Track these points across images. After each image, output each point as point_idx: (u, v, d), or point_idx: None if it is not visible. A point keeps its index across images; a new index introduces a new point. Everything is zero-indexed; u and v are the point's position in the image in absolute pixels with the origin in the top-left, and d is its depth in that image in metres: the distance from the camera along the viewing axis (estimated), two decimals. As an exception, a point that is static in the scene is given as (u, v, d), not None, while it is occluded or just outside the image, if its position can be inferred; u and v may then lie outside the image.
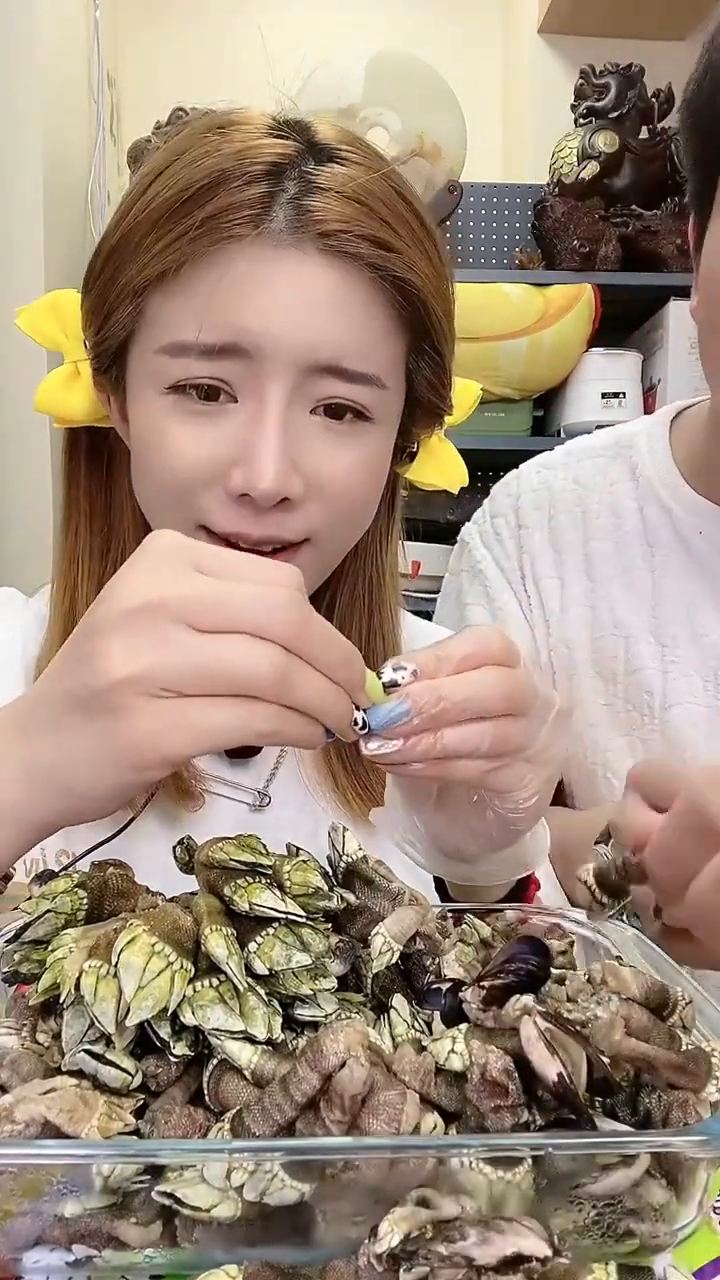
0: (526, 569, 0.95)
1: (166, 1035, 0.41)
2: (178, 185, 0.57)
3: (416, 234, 0.61)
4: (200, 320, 0.57)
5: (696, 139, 0.78)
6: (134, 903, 0.49)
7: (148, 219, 0.58)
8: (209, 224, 0.56)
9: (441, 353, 0.66)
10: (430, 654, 0.47)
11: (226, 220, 0.56)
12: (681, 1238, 0.40)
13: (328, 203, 0.57)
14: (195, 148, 0.58)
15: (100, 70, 2.49)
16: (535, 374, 2.25)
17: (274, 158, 0.57)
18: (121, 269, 0.60)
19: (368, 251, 0.58)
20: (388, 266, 0.59)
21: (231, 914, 0.45)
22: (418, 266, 0.61)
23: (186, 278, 0.58)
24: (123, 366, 0.64)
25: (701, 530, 0.87)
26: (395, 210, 0.60)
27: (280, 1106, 0.37)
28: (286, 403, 0.58)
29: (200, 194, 0.56)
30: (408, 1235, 0.35)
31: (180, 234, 0.57)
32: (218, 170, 0.56)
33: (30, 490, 2.01)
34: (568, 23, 2.58)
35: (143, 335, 0.61)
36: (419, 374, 0.66)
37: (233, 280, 0.57)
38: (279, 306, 0.57)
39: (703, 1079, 0.41)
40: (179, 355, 0.58)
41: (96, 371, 0.66)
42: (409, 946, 0.49)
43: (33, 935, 0.47)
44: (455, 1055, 0.41)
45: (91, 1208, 0.38)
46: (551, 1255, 0.35)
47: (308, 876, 0.47)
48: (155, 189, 0.58)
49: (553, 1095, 0.38)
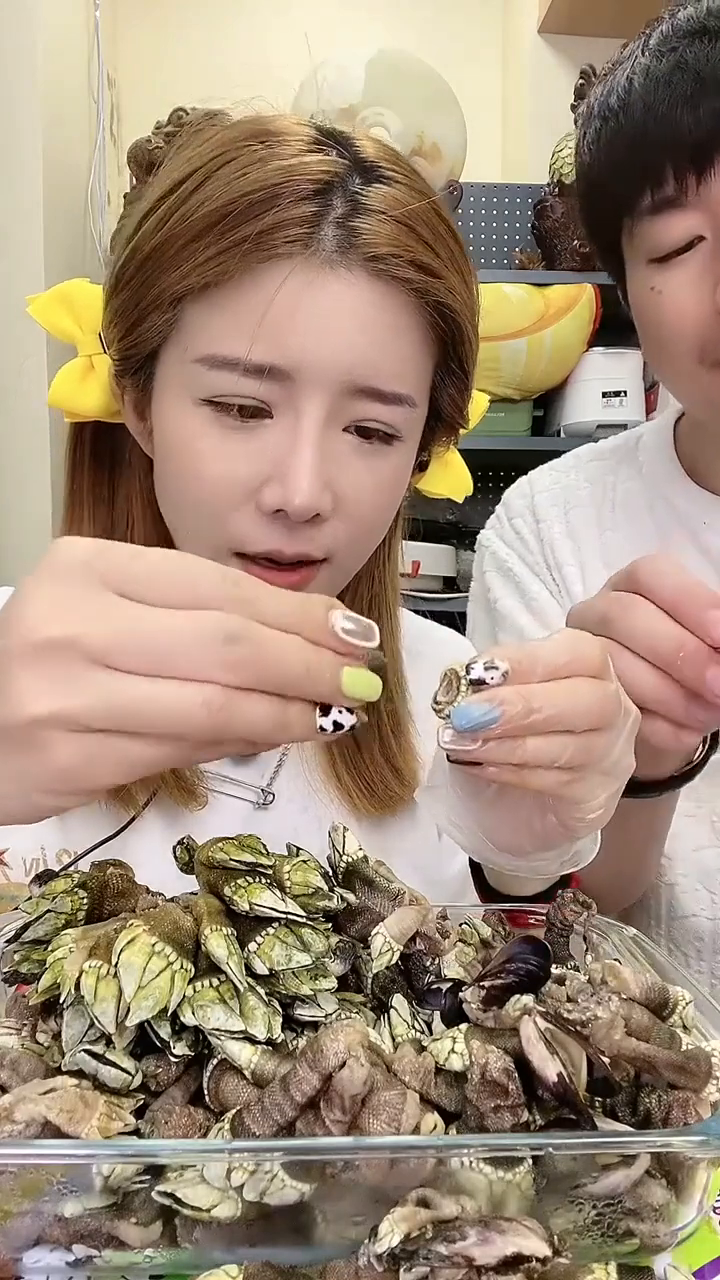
0: (549, 558, 0.96)
1: (166, 1035, 0.41)
2: (224, 197, 0.56)
3: (455, 257, 0.62)
4: (249, 338, 0.57)
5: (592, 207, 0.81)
6: (134, 903, 0.49)
7: (190, 228, 0.57)
8: (260, 239, 0.56)
9: (467, 371, 0.67)
10: (524, 654, 0.44)
11: (278, 236, 0.56)
12: (681, 1238, 0.40)
13: (376, 225, 0.57)
14: (239, 157, 0.57)
15: (100, 70, 2.49)
16: (535, 374, 2.25)
17: (322, 175, 0.57)
18: (159, 275, 0.59)
19: (413, 276, 0.59)
20: (430, 291, 0.60)
21: (231, 914, 0.45)
22: (456, 290, 0.62)
23: (231, 290, 0.58)
24: (151, 370, 0.64)
25: (706, 521, 0.88)
26: (438, 234, 0.60)
27: (280, 1106, 0.37)
28: (324, 421, 0.59)
29: (250, 208, 0.56)
30: (408, 1235, 0.35)
31: (227, 247, 0.56)
32: (268, 185, 0.56)
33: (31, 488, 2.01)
34: (568, 23, 2.58)
35: (178, 342, 0.61)
36: (444, 391, 0.67)
37: (282, 300, 0.57)
38: (326, 329, 0.57)
39: (703, 1079, 0.41)
40: (220, 368, 0.58)
41: (121, 373, 0.65)
42: (409, 947, 0.49)
43: (33, 935, 0.47)
44: (455, 1055, 0.41)
45: (91, 1208, 0.38)
46: (551, 1255, 0.35)
47: (308, 876, 0.47)
48: (199, 197, 0.57)
49: (553, 1095, 0.38)
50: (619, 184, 0.76)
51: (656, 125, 0.72)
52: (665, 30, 0.74)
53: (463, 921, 0.55)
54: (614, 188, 0.77)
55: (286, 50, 2.60)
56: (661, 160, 0.72)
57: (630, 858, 0.77)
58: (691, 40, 0.71)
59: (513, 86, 2.92)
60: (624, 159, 0.75)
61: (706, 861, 0.85)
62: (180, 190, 0.58)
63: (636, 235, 0.77)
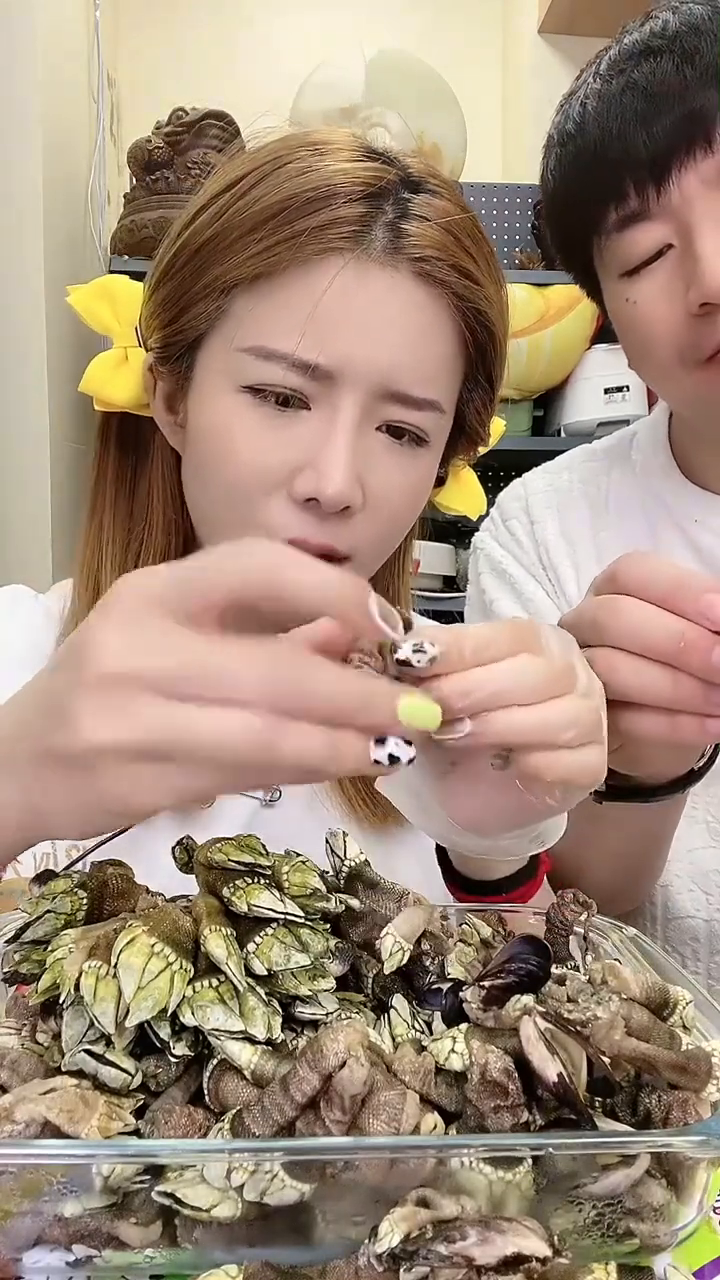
0: (544, 559, 0.96)
1: (166, 1035, 0.41)
2: (282, 193, 0.59)
3: (493, 270, 0.66)
4: (298, 332, 0.59)
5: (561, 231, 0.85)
6: (134, 903, 0.49)
7: (246, 220, 0.60)
8: (315, 234, 0.59)
9: (494, 383, 0.70)
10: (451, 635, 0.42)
11: (332, 232, 0.59)
12: (681, 1238, 0.40)
13: (423, 230, 0.61)
14: (295, 160, 0.61)
15: (100, 70, 2.49)
16: (535, 374, 2.25)
17: (375, 180, 0.61)
18: (210, 265, 0.62)
19: (454, 280, 0.62)
20: (469, 297, 0.63)
21: (230, 914, 0.45)
22: (493, 300, 0.65)
23: (282, 282, 0.60)
24: (191, 359, 0.66)
25: (697, 518, 0.89)
26: (479, 245, 0.65)
27: (280, 1106, 0.37)
28: (359, 419, 0.61)
29: (307, 204, 0.59)
30: (408, 1235, 0.35)
31: (284, 239, 0.59)
32: (325, 184, 0.59)
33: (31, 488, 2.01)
34: (568, 23, 2.58)
35: (223, 330, 0.63)
36: (470, 403, 0.69)
37: (330, 298, 0.60)
38: (369, 330, 0.60)
39: (703, 1079, 0.41)
40: (267, 359, 0.60)
41: (162, 360, 0.67)
42: (416, 946, 0.49)
43: (33, 935, 0.47)
44: (455, 1055, 0.41)
45: (91, 1208, 0.38)
46: (551, 1255, 0.35)
47: (306, 878, 0.47)
48: (257, 193, 0.60)
49: (553, 1095, 0.38)
50: (584, 205, 0.79)
51: (613, 145, 0.75)
52: (614, 55, 0.77)
53: (463, 922, 0.55)
54: (580, 209, 0.80)
55: (287, 50, 2.60)
56: (621, 177, 0.75)
57: (640, 855, 0.77)
58: (639, 61, 0.75)
59: (513, 86, 2.92)
60: (587, 180, 0.78)
61: (702, 862, 0.85)
62: (238, 187, 0.61)
63: (607, 252, 0.80)
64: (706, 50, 0.72)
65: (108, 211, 2.36)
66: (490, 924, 0.55)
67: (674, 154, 0.73)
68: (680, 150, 0.73)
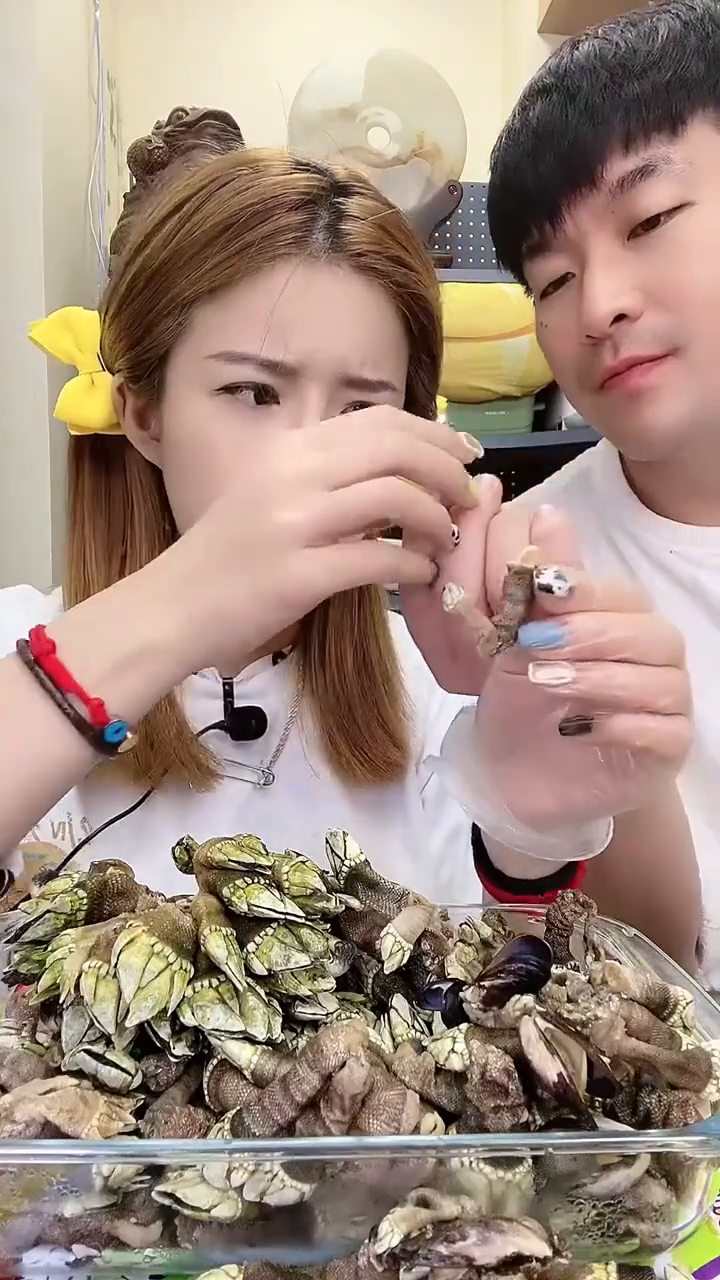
0: None
1: (166, 1035, 0.41)
2: (227, 210, 0.65)
3: (424, 258, 0.71)
4: (259, 336, 0.64)
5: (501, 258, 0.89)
6: (134, 903, 0.49)
7: (199, 238, 0.65)
8: (263, 244, 0.64)
9: (435, 357, 0.75)
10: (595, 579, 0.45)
11: (278, 240, 0.64)
12: (681, 1238, 0.40)
13: (358, 228, 0.66)
14: (234, 179, 0.66)
15: (100, 70, 2.48)
16: (536, 370, 2.24)
17: (308, 189, 0.66)
18: (169, 283, 0.67)
19: (392, 270, 0.67)
20: (406, 283, 0.68)
21: (230, 914, 0.45)
22: (427, 284, 0.71)
23: (239, 290, 0.65)
24: (161, 373, 0.70)
25: (672, 549, 0.89)
26: (408, 236, 0.70)
27: (280, 1106, 0.37)
28: (324, 408, 0.66)
29: (252, 218, 0.64)
30: (408, 1235, 0.35)
31: (235, 251, 0.64)
32: (264, 198, 0.65)
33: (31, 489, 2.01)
34: (568, 23, 2.58)
35: (188, 343, 0.68)
36: (418, 380, 0.75)
37: (286, 299, 0.65)
38: (324, 325, 0.65)
39: (703, 1079, 0.41)
40: (236, 363, 0.65)
41: (133, 379, 0.71)
42: (416, 946, 0.49)
43: (33, 935, 0.47)
44: (455, 1055, 0.41)
45: (91, 1208, 0.38)
46: (551, 1255, 0.35)
47: (306, 877, 0.47)
48: (203, 213, 0.65)
49: (553, 1095, 0.38)
50: (501, 236, 0.86)
51: (511, 182, 0.81)
52: (524, 90, 0.81)
53: (463, 922, 0.55)
54: (500, 239, 0.87)
55: (286, 50, 2.60)
56: (521, 214, 0.81)
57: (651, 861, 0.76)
58: (535, 99, 0.79)
59: (513, 87, 2.91)
60: (496, 213, 0.86)
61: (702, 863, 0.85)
62: (184, 209, 0.66)
63: (527, 276, 0.86)
64: (588, 89, 0.75)
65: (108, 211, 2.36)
66: (490, 924, 0.55)
67: (560, 191, 0.77)
68: (566, 187, 0.76)
